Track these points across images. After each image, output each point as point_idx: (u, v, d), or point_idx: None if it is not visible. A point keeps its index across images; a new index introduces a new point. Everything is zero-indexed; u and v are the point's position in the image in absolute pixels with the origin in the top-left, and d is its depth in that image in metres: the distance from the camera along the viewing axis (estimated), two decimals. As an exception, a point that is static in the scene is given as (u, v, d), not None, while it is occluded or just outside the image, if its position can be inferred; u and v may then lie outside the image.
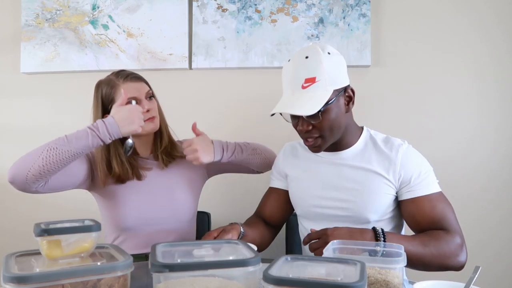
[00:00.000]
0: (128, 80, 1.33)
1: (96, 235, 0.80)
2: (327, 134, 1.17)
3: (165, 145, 1.41)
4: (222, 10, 1.87)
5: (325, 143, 1.19)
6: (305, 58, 1.14)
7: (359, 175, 1.20)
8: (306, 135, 1.19)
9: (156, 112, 1.37)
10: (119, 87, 1.30)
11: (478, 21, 1.78)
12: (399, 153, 1.19)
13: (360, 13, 1.80)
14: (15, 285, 0.62)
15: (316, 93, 1.11)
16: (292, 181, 1.32)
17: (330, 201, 1.23)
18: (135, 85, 1.33)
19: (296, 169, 1.32)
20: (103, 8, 1.93)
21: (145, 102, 1.32)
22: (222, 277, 0.71)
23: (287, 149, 1.38)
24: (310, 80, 1.12)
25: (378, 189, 1.18)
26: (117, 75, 1.34)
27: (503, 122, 1.77)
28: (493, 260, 1.75)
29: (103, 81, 1.37)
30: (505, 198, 1.77)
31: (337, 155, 1.25)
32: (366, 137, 1.26)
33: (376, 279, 0.79)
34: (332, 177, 1.23)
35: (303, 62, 1.14)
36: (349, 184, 1.21)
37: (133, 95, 1.30)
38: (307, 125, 1.16)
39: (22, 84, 2.02)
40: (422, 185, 1.16)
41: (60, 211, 1.95)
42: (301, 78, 1.13)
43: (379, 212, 1.19)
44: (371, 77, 1.84)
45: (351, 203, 1.20)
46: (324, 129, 1.16)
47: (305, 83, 1.12)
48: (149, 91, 1.36)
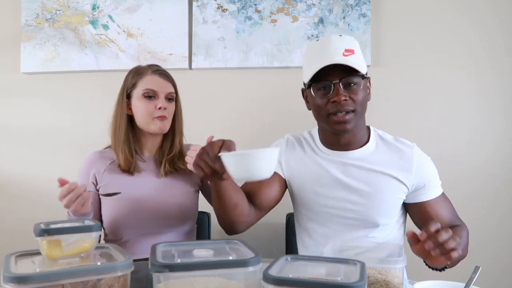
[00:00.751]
0: (156, 73, 1.34)
1: (96, 235, 0.80)
2: (359, 110, 1.14)
3: (173, 154, 1.37)
4: (222, 10, 1.87)
5: (354, 120, 1.14)
6: (339, 35, 1.15)
7: (371, 177, 1.17)
8: (340, 107, 1.11)
9: (170, 115, 1.34)
10: (145, 76, 1.33)
11: (478, 21, 1.78)
12: (414, 156, 1.17)
13: (360, 13, 1.80)
14: (15, 285, 0.62)
15: (358, 61, 1.11)
16: (296, 175, 1.24)
17: (338, 202, 1.18)
18: (160, 80, 1.33)
19: (300, 163, 1.24)
20: (103, 8, 1.93)
21: (161, 100, 1.31)
22: (222, 277, 0.71)
23: (289, 140, 1.30)
24: (349, 50, 1.11)
25: (390, 192, 1.16)
26: (149, 66, 1.36)
27: (503, 122, 1.77)
28: (493, 260, 1.75)
29: (133, 69, 1.38)
30: (505, 198, 1.77)
31: (346, 155, 1.20)
32: (376, 137, 1.23)
33: (376, 279, 0.79)
34: (341, 177, 1.18)
35: (338, 38, 1.14)
36: (360, 186, 1.17)
37: (152, 88, 1.31)
38: (344, 95, 1.11)
39: (22, 84, 2.02)
40: (435, 188, 1.19)
41: (60, 211, 1.95)
42: (341, 48, 1.11)
43: (389, 215, 1.18)
44: (371, 77, 1.83)
45: (360, 205, 1.16)
46: (358, 102, 1.12)
47: (346, 52, 1.10)
48: (171, 92, 1.35)
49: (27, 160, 1.99)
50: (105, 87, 1.95)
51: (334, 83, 1.11)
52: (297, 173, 1.24)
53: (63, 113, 1.99)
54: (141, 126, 1.34)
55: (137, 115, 1.33)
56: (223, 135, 1.48)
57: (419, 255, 0.91)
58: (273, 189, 1.23)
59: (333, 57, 1.09)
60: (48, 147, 1.98)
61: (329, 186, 1.19)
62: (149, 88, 1.31)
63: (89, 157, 1.38)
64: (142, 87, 1.32)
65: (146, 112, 1.31)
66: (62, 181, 1.10)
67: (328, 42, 1.13)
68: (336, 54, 1.10)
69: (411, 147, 1.20)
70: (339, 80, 1.10)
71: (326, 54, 1.10)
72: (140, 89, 1.32)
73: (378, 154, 1.19)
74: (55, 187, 1.10)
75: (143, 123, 1.33)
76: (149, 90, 1.31)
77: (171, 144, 1.38)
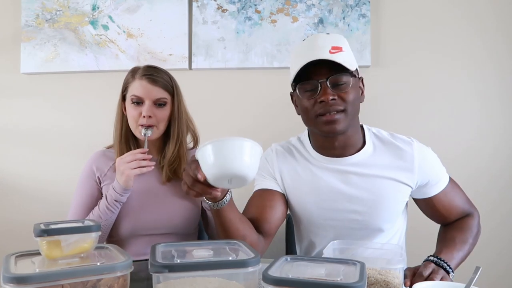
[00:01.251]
0: (144, 78, 1.28)
1: (95, 235, 0.79)
2: (349, 110, 1.06)
3: (171, 158, 1.32)
4: (222, 11, 1.87)
5: (345, 120, 1.06)
6: (326, 34, 1.10)
7: (373, 183, 1.11)
8: (328, 106, 1.05)
9: (159, 121, 1.29)
10: (135, 80, 1.30)
11: (478, 21, 1.78)
12: (415, 154, 1.12)
13: (360, 13, 1.80)
14: (14, 285, 0.62)
15: (345, 59, 1.04)
16: (292, 189, 1.17)
17: (342, 213, 1.13)
18: (147, 86, 1.27)
19: (294, 174, 1.17)
20: (103, 8, 1.94)
21: (146, 107, 1.26)
22: (222, 277, 0.71)
23: (278, 151, 1.22)
24: (337, 48, 1.04)
25: (394, 196, 1.12)
26: (142, 69, 1.32)
27: (503, 122, 1.77)
28: (493, 260, 1.75)
29: (131, 69, 1.35)
30: (505, 199, 1.77)
31: (344, 161, 1.13)
32: (372, 137, 1.17)
33: (376, 279, 0.79)
34: (342, 188, 1.12)
35: (325, 35, 1.09)
36: (363, 195, 1.11)
37: (138, 94, 1.28)
38: (332, 94, 1.04)
39: (22, 85, 2.02)
40: (440, 181, 1.16)
41: (60, 211, 1.95)
42: (327, 45, 1.04)
43: (394, 219, 1.16)
44: (371, 78, 1.83)
45: (365, 214, 1.12)
46: (348, 101, 1.05)
47: (333, 49, 1.03)
48: (161, 98, 1.29)
49: (27, 160, 1.98)
50: (105, 87, 1.95)
51: (321, 82, 1.05)
52: (293, 186, 1.17)
53: (63, 114, 1.99)
54: (132, 131, 1.33)
55: (128, 120, 1.33)
56: (222, 136, 1.49)
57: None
58: (277, 210, 1.15)
59: (318, 54, 1.03)
60: (48, 147, 1.98)
61: (331, 198, 1.12)
62: (134, 94, 1.28)
63: (93, 156, 1.38)
64: (131, 92, 1.30)
65: (132, 118, 1.30)
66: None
67: (314, 40, 1.07)
68: (322, 51, 1.03)
69: (410, 144, 1.14)
70: (326, 79, 1.04)
71: (311, 52, 1.04)
72: (129, 94, 1.30)
73: (377, 157, 1.13)
74: (55, 187, 1.10)
75: (131, 128, 1.32)
76: (135, 96, 1.28)
77: (173, 151, 1.33)
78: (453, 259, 1.04)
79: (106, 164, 1.35)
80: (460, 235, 1.12)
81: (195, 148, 1.44)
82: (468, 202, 1.21)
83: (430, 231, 1.26)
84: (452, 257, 1.04)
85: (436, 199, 1.17)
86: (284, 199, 1.19)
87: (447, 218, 1.19)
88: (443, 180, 1.17)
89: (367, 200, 1.11)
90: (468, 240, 1.12)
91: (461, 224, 1.17)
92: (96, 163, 1.35)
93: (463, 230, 1.14)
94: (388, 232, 1.17)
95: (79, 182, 1.36)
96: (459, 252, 1.07)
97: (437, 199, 1.17)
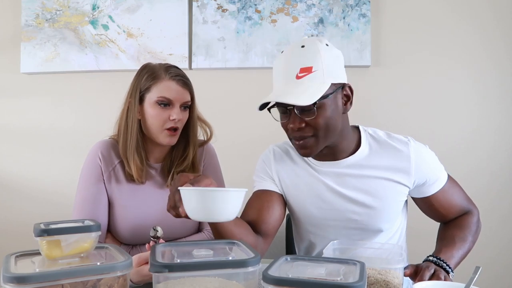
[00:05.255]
0: (174, 79, 1.20)
1: (95, 235, 0.79)
2: (321, 134, 1.03)
3: (185, 165, 1.25)
4: (222, 10, 1.87)
5: (317, 144, 1.04)
6: (301, 47, 1.02)
7: (369, 184, 1.10)
8: (297, 134, 1.03)
9: (182, 124, 1.23)
10: (162, 81, 1.19)
11: (478, 21, 1.79)
12: (411, 154, 1.10)
13: (360, 13, 1.80)
14: (15, 285, 0.62)
15: (312, 84, 0.99)
16: (291, 189, 1.16)
17: (340, 214, 1.12)
18: (178, 88, 1.20)
19: (293, 176, 1.16)
20: (103, 8, 1.94)
21: (176, 110, 1.19)
22: (222, 277, 0.71)
23: (276, 152, 1.20)
24: (306, 69, 0.99)
25: (391, 197, 1.12)
26: (167, 69, 1.22)
27: (503, 122, 1.78)
28: (493, 260, 1.75)
29: (148, 67, 1.24)
30: (505, 199, 1.77)
31: (338, 164, 1.12)
32: (368, 139, 1.15)
33: (376, 279, 0.79)
34: (339, 189, 1.11)
35: (298, 51, 1.02)
36: (360, 196, 1.11)
37: (169, 96, 1.19)
38: (300, 121, 1.01)
39: (22, 84, 2.02)
40: (438, 180, 1.15)
41: (60, 211, 1.95)
42: (295, 68, 1.00)
43: (392, 219, 1.16)
44: (371, 77, 1.83)
45: (363, 215, 1.11)
46: (318, 127, 1.01)
47: (300, 73, 0.99)
48: (187, 101, 1.23)
49: (27, 160, 1.99)
50: (105, 87, 1.95)
51: (289, 108, 1.01)
52: (292, 187, 1.16)
53: (63, 113, 1.99)
54: (149, 134, 1.22)
55: (147, 122, 1.21)
56: (223, 136, 1.49)
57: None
58: (275, 211, 1.14)
59: (283, 87, 1.01)
60: (48, 147, 1.98)
61: (329, 198, 1.12)
62: (164, 96, 1.18)
63: (95, 149, 1.27)
64: (157, 93, 1.19)
65: (157, 121, 1.19)
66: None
67: (287, 59, 1.03)
68: (288, 78, 1.00)
69: (407, 144, 1.12)
70: (293, 106, 1.00)
71: (280, 78, 1.03)
72: (154, 94, 1.19)
73: (373, 158, 1.11)
74: (55, 187, 1.10)
75: (152, 131, 1.21)
76: (164, 98, 1.18)
77: (183, 155, 1.27)
78: (453, 258, 1.04)
79: (109, 164, 1.26)
80: (460, 233, 1.12)
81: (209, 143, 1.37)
82: (467, 200, 1.21)
83: (430, 230, 1.25)
84: (451, 256, 1.04)
85: (435, 198, 1.16)
86: (283, 200, 1.19)
87: (446, 216, 1.19)
88: (441, 178, 1.16)
89: (364, 201, 1.11)
90: (468, 238, 1.12)
91: (460, 222, 1.17)
92: (101, 155, 1.25)
93: (462, 228, 1.14)
94: (388, 232, 1.17)
95: (83, 173, 1.27)
96: (458, 251, 1.07)
97: (436, 197, 1.16)
